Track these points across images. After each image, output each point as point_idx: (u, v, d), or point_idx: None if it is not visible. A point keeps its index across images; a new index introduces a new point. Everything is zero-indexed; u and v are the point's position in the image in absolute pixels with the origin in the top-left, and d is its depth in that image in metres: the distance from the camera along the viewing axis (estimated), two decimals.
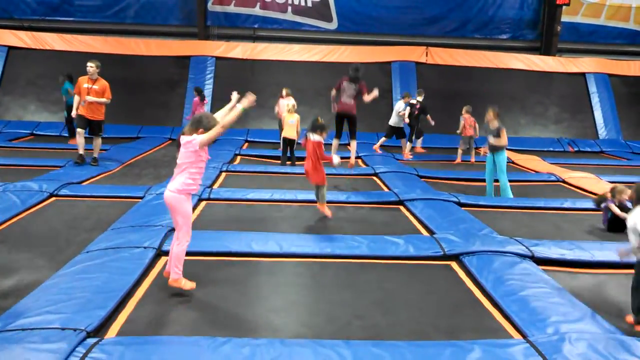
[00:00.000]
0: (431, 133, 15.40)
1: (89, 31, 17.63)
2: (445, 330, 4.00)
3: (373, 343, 3.60)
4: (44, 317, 3.70)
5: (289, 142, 11.03)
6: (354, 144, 8.71)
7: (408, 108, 12.95)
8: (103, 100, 9.87)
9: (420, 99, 13.31)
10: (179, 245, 4.44)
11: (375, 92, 8.97)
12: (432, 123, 13.60)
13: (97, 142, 10.16)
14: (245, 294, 4.55)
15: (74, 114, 10.03)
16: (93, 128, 10.03)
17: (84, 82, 9.80)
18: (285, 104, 11.85)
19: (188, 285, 4.42)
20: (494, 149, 8.61)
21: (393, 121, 13.07)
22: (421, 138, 14.01)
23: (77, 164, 9.71)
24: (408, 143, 12.92)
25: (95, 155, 10.13)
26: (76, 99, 9.91)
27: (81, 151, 9.91)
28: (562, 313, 4.07)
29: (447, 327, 4.06)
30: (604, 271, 5.46)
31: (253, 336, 3.71)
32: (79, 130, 9.90)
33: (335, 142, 8.79)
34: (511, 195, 8.51)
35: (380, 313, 4.26)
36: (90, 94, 9.72)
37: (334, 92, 8.70)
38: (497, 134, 8.48)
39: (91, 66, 9.82)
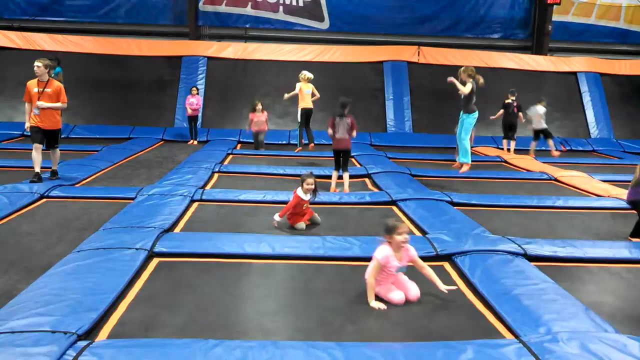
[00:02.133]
0: (422, 132, 15.46)
1: (80, 31, 17.56)
2: (437, 331, 4.00)
3: (365, 344, 3.58)
4: (34, 319, 3.67)
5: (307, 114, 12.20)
6: (346, 176, 8.88)
7: (501, 110, 13.88)
8: (58, 105, 8.41)
9: (514, 98, 13.82)
10: None
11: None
12: (523, 120, 14.00)
13: (56, 155, 8.74)
14: (238, 296, 4.53)
15: (26, 126, 8.59)
16: (50, 139, 8.60)
17: (33, 87, 8.35)
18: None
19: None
20: (464, 109, 8.90)
21: (536, 125, 13.83)
22: (551, 139, 14.01)
23: (33, 183, 8.07)
24: (511, 142, 14.00)
25: (55, 167, 8.76)
26: (26, 107, 8.54)
27: (37, 169, 8.32)
28: (556, 311, 4.07)
29: (439, 328, 4.05)
30: (599, 265, 5.49)
31: (245, 338, 3.69)
32: (35, 145, 8.38)
33: (334, 174, 8.95)
34: (468, 159, 8.74)
35: (373, 314, 4.24)
36: (42, 99, 8.29)
37: (330, 130, 8.88)
38: (467, 97, 8.76)
39: (38, 66, 8.27)
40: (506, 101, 13.86)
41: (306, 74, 12.44)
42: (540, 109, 13.69)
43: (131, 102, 16.13)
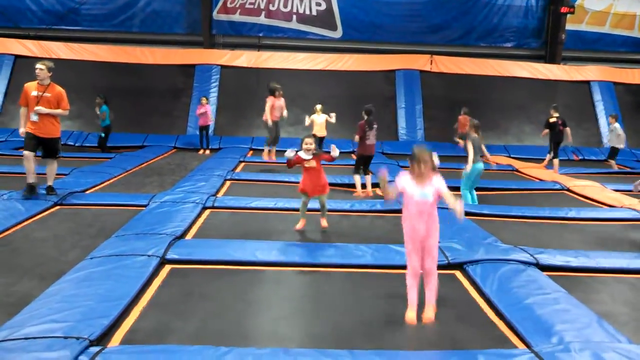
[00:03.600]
0: (434, 141, 15.44)
1: (95, 40, 17.77)
2: (449, 340, 3.98)
3: (377, 352, 3.58)
4: (48, 325, 3.70)
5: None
6: (368, 178, 9.11)
7: (546, 130, 13.13)
8: (58, 111, 7.75)
9: (557, 114, 13.11)
10: None
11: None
12: (570, 139, 13.35)
13: (52, 168, 7.93)
14: (249, 303, 4.54)
15: (21, 131, 7.85)
16: (47, 149, 7.84)
17: (32, 90, 7.66)
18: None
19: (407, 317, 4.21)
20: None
21: (613, 142, 13.86)
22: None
23: (25, 198, 7.45)
24: (549, 155, 13.26)
25: (50, 182, 7.90)
26: (22, 112, 7.81)
27: (30, 180, 7.62)
28: (568, 320, 4.04)
29: (451, 336, 4.04)
30: (612, 276, 5.45)
31: (256, 346, 3.70)
32: (26, 153, 7.61)
33: (357, 178, 9.09)
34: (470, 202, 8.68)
35: (384, 322, 4.24)
36: (41, 103, 7.58)
37: (357, 137, 9.07)
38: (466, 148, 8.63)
39: (41, 68, 7.65)
40: (550, 120, 12.99)
41: (317, 107, 13.00)
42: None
43: (145, 110, 16.26)
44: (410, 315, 4.17)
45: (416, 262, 4.22)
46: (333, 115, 12.19)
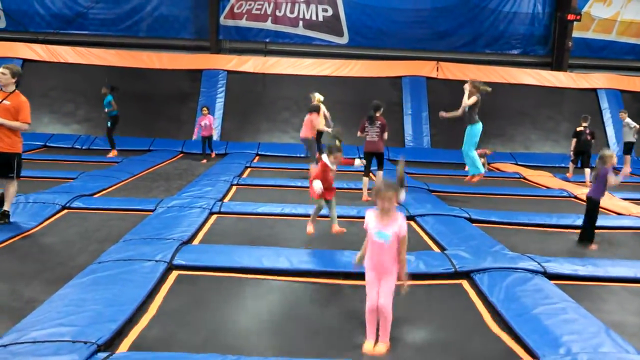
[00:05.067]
0: (441, 147, 15.45)
1: (103, 44, 17.85)
2: (455, 349, 3.97)
3: None
4: (56, 329, 3.71)
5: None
6: (380, 174, 9.13)
7: (574, 140, 12.93)
8: (15, 124, 6.60)
9: (586, 124, 12.91)
10: None
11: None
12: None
13: (10, 190, 6.68)
14: (255, 311, 4.54)
15: None
16: (2, 167, 6.58)
17: None
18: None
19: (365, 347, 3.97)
20: (468, 121, 8.85)
21: (626, 137, 14.10)
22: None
23: None
24: (571, 164, 13.27)
25: (7, 208, 6.65)
26: None
27: None
28: (576, 331, 4.03)
29: (457, 346, 4.02)
30: (620, 285, 5.43)
31: (263, 355, 3.70)
32: None
33: (365, 181, 9.11)
34: (479, 169, 8.67)
35: (393, 334, 4.21)
36: None
37: (359, 133, 9.13)
38: (471, 108, 8.70)
39: (3, 73, 6.61)
40: (578, 129, 12.82)
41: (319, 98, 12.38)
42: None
43: (151, 115, 16.31)
44: (368, 346, 3.95)
45: (374, 296, 3.95)
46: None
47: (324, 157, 6.28)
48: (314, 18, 18.75)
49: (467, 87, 9.31)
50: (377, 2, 18.60)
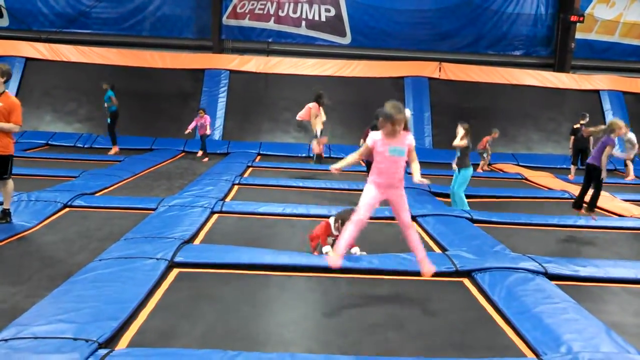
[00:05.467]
0: (443, 148, 15.44)
1: (105, 43, 17.88)
2: (457, 347, 3.97)
3: (383, 359, 3.58)
4: (56, 325, 3.72)
5: None
6: None
7: (572, 137, 13.19)
8: (8, 126, 6.40)
9: (584, 122, 13.19)
10: None
11: None
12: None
13: (7, 189, 6.62)
14: (256, 307, 4.54)
15: None
16: None
17: None
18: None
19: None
20: (458, 165, 8.71)
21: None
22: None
23: None
24: (572, 167, 13.26)
25: (7, 206, 6.63)
26: None
27: None
28: (577, 330, 4.03)
29: (458, 344, 4.03)
30: (621, 286, 5.43)
31: (264, 350, 3.71)
32: None
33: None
34: (466, 207, 8.58)
35: (391, 329, 4.23)
36: None
37: (362, 142, 9.04)
38: (462, 152, 8.58)
39: None
40: (575, 126, 13.19)
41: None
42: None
43: (154, 114, 16.33)
44: (335, 256, 4.48)
45: (367, 213, 4.44)
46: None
47: (331, 220, 5.97)
48: (316, 18, 18.76)
49: (460, 129, 9.11)
50: (380, 2, 18.61)
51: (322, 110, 11.88)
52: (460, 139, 8.67)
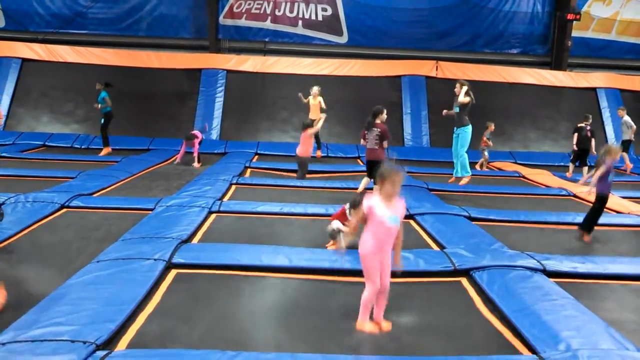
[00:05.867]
0: (440, 147, 15.46)
1: (102, 44, 17.82)
2: (456, 345, 3.97)
3: (382, 359, 3.57)
4: (54, 328, 3.71)
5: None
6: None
7: (576, 135, 13.18)
8: None
9: (588, 122, 13.24)
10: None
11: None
12: (593, 151, 13.09)
13: None
14: (255, 308, 4.54)
15: None
16: None
17: None
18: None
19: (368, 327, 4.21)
20: (457, 124, 8.66)
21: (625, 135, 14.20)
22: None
23: None
24: (571, 164, 13.24)
25: None
26: None
27: None
28: (575, 327, 4.03)
29: (457, 342, 4.03)
30: (619, 282, 5.44)
31: (262, 350, 3.70)
32: None
33: (365, 180, 8.99)
34: (468, 172, 8.54)
35: (391, 329, 4.22)
36: None
37: (362, 141, 8.99)
38: (462, 107, 8.55)
39: None
40: (579, 124, 13.26)
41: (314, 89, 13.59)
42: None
43: (151, 114, 16.29)
44: (371, 326, 4.20)
45: (378, 281, 4.14)
46: (323, 116, 12.07)
47: (346, 206, 6.07)
48: (313, 17, 18.74)
49: (461, 87, 9.17)
50: (377, 1, 18.58)
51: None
52: (464, 95, 8.64)
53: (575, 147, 13.12)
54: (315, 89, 13.67)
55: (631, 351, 3.72)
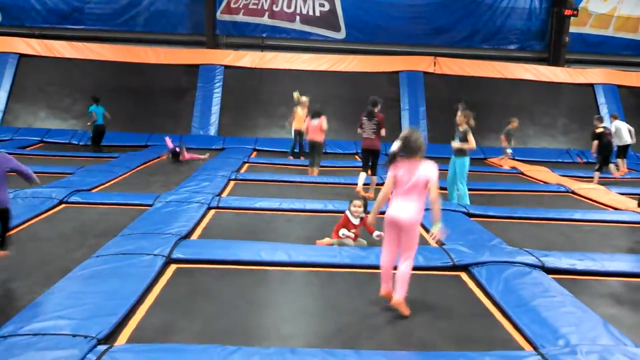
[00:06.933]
0: (438, 142, 15.48)
1: (99, 39, 17.77)
2: (455, 341, 3.98)
3: (383, 353, 3.59)
4: (55, 322, 3.71)
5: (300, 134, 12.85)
6: (374, 179, 8.95)
7: (596, 142, 12.26)
8: None
9: (604, 125, 12.62)
10: (409, 266, 4.41)
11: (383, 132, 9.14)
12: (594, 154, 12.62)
13: None
14: (255, 302, 4.55)
15: None
16: None
17: None
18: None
19: (407, 310, 4.35)
20: (456, 153, 8.60)
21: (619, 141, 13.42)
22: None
23: None
24: (597, 173, 12.11)
25: None
26: None
27: None
28: (574, 323, 4.05)
29: (457, 337, 4.04)
30: (617, 279, 5.46)
31: (263, 345, 3.71)
32: None
33: (362, 175, 8.98)
34: (467, 202, 8.50)
35: (390, 323, 4.24)
36: None
37: (359, 129, 9.01)
38: (464, 138, 8.44)
39: None
40: (597, 130, 12.27)
41: (303, 98, 13.32)
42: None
43: (149, 110, 16.27)
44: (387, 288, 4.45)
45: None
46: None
47: (347, 212, 6.07)
48: (310, 13, 18.72)
49: (462, 118, 8.86)
50: None
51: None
52: (470, 135, 8.41)
53: (594, 154, 12.33)
54: (305, 98, 13.25)
55: (629, 347, 3.74)
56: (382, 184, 9.68)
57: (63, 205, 7.53)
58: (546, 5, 19.07)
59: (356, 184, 9.34)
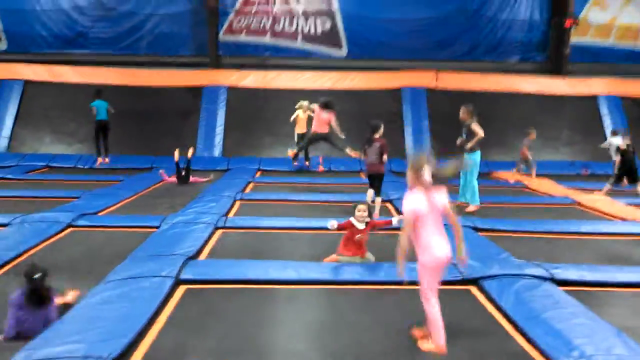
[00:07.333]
0: (446, 158, 15.44)
1: (103, 63, 17.88)
2: (468, 355, 3.96)
3: None
4: (68, 346, 3.72)
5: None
6: (378, 200, 9.00)
7: (619, 158, 11.89)
8: None
9: (628, 141, 12.21)
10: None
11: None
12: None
13: None
14: (265, 320, 4.54)
15: None
16: None
17: None
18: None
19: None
20: (465, 150, 8.65)
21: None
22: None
23: None
24: (607, 186, 11.81)
25: None
26: None
27: None
28: (587, 334, 4.02)
29: (471, 352, 4.01)
30: (628, 290, 5.42)
31: None
32: None
33: (370, 192, 9.03)
34: (477, 201, 8.50)
35: (401, 338, 4.22)
36: None
37: (362, 155, 9.07)
38: (470, 131, 8.48)
39: None
40: (621, 147, 11.97)
41: (303, 104, 14.18)
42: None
43: (153, 132, 16.31)
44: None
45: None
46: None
47: (352, 218, 6.02)
48: (312, 31, 18.85)
49: (465, 114, 9.03)
50: (375, 13, 18.66)
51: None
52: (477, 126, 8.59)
53: (617, 172, 11.84)
54: (306, 104, 13.96)
55: None
56: (387, 201, 9.78)
57: (70, 229, 7.54)
58: (546, 17, 19.15)
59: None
